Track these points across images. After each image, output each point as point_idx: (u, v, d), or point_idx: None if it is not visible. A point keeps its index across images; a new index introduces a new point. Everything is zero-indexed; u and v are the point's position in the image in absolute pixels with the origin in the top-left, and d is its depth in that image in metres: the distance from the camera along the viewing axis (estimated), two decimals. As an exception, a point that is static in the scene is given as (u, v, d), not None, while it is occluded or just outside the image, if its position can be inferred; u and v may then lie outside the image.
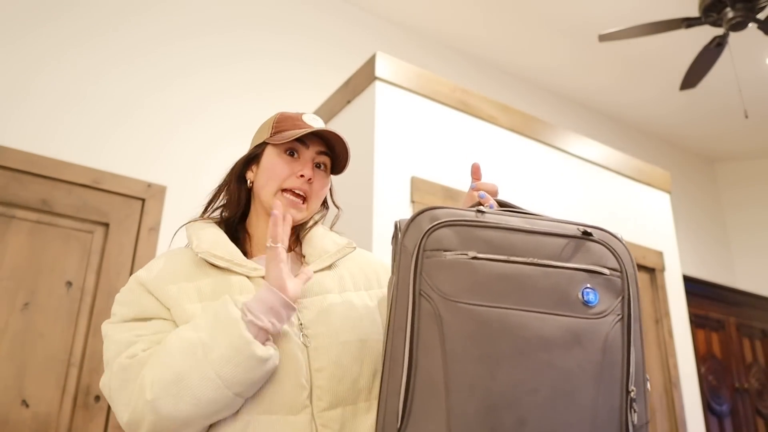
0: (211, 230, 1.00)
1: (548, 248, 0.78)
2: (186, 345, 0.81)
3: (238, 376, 0.80)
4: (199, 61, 3.00)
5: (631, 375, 0.73)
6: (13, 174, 2.34)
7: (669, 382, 2.74)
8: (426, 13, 3.86)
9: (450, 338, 0.74)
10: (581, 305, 0.75)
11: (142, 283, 0.94)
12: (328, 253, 1.02)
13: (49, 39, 2.63)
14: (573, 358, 0.72)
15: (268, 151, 1.03)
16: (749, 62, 4.07)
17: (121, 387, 0.83)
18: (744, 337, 4.28)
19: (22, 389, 2.15)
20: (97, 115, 2.64)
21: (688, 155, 5.40)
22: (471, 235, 0.79)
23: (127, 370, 0.83)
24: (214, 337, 0.80)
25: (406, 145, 2.29)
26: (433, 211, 0.82)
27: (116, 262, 2.44)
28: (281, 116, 1.05)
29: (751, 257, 5.19)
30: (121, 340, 0.88)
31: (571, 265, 0.77)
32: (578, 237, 0.79)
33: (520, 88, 4.44)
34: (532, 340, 0.73)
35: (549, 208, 2.64)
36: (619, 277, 0.78)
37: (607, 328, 0.74)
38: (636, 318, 0.77)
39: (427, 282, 0.77)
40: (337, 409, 0.89)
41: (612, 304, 0.76)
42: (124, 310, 0.92)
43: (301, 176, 1.00)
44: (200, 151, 2.83)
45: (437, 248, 0.78)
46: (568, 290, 0.76)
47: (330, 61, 3.43)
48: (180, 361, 0.80)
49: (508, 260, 0.77)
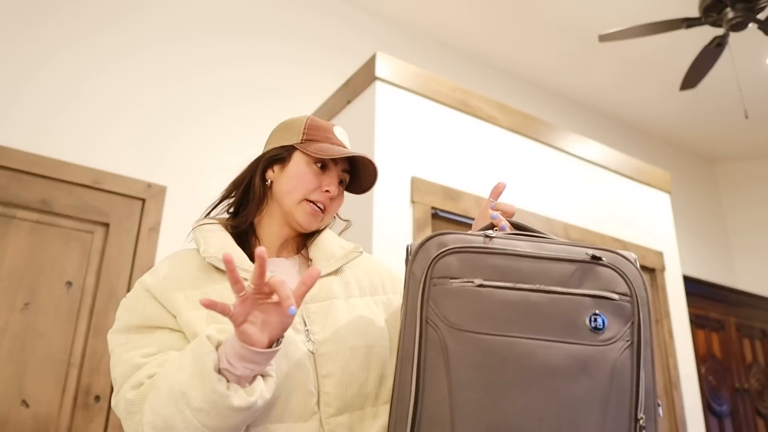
0: (218, 234, 0.99)
1: (555, 274, 0.78)
2: (170, 393, 0.79)
3: (221, 424, 0.78)
4: (200, 62, 3.01)
5: (640, 402, 0.73)
6: (13, 174, 2.34)
7: (669, 383, 2.74)
8: (426, 13, 3.86)
9: (455, 367, 0.75)
10: (589, 332, 0.74)
11: (148, 289, 0.93)
12: (335, 257, 1.02)
13: (49, 39, 2.63)
14: (579, 386, 0.72)
15: (298, 157, 1.03)
16: (749, 62, 4.07)
17: (127, 418, 0.84)
18: (744, 338, 4.28)
19: (22, 389, 2.15)
20: (98, 115, 2.64)
21: (688, 155, 5.40)
22: (478, 262, 0.79)
23: (131, 403, 0.83)
24: (193, 386, 0.77)
25: (406, 145, 2.29)
26: (442, 237, 0.82)
27: (116, 262, 2.44)
28: (312, 123, 1.05)
29: (751, 257, 5.19)
30: (127, 361, 0.87)
31: (579, 291, 0.76)
32: (587, 262, 0.78)
33: (521, 87, 4.44)
34: (537, 369, 0.73)
35: (549, 208, 2.64)
36: (629, 302, 0.76)
37: (616, 354, 0.74)
38: (647, 343, 0.76)
39: (433, 310, 0.78)
40: (345, 415, 0.89)
41: (621, 330, 0.75)
42: (129, 317, 0.92)
43: (327, 191, 1.01)
44: (200, 152, 2.83)
45: (444, 275, 0.79)
46: (576, 317, 0.75)
47: (330, 64, 3.43)
48: (166, 410, 0.78)
49: (515, 287, 0.77)
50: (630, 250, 2.85)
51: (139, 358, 0.87)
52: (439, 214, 2.28)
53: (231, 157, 2.87)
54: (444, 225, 2.29)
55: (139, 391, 0.83)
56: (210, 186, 2.83)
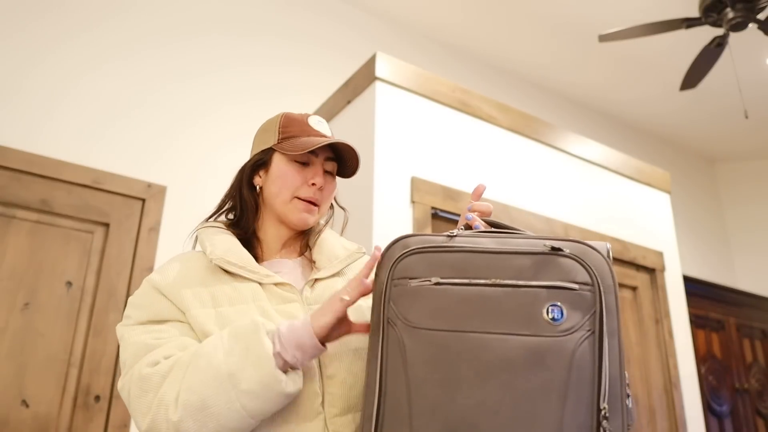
0: (224, 236, 1.00)
1: (513, 268, 0.77)
2: (214, 372, 0.80)
3: (265, 409, 0.81)
4: (200, 62, 3.01)
5: (602, 391, 0.71)
6: (13, 174, 2.34)
7: (669, 383, 2.74)
8: (426, 13, 3.86)
9: (412, 364, 0.77)
10: (547, 323, 0.74)
11: (156, 286, 0.94)
12: (338, 259, 1.03)
13: (50, 39, 2.63)
14: (536, 378, 0.72)
15: (278, 158, 1.02)
16: (749, 62, 4.07)
17: (140, 395, 0.83)
18: (744, 338, 4.28)
19: (22, 389, 2.15)
20: (98, 115, 2.64)
21: (688, 155, 5.40)
22: (437, 260, 0.80)
23: (148, 379, 0.83)
24: (244, 369, 0.80)
25: (406, 145, 2.29)
26: (406, 239, 0.84)
27: (116, 262, 2.44)
28: (286, 119, 1.04)
29: (751, 257, 5.19)
30: (139, 342, 0.88)
31: (537, 283, 0.76)
32: (546, 253, 0.77)
33: (520, 87, 4.44)
34: (492, 362, 0.73)
35: (549, 208, 2.64)
36: (590, 291, 0.75)
37: (574, 345, 0.73)
38: (612, 332, 0.74)
39: (393, 310, 0.80)
40: (348, 415, 0.90)
41: (581, 320, 0.74)
42: (138, 313, 0.92)
43: (313, 185, 1.01)
44: (200, 152, 2.83)
45: (404, 276, 0.81)
46: (533, 309, 0.75)
47: (330, 64, 3.43)
48: (207, 389, 0.80)
49: (471, 283, 0.78)
50: (630, 250, 2.85)
51: (150, 339, 0.88)
52: (439, 214, 2.28)
53: (231, 157, 2.86)
54: (444, 225, 2.29)
55: (155, 368, 0.84)
56: (210, 186, 2.83)
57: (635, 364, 2.71)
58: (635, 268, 2.90)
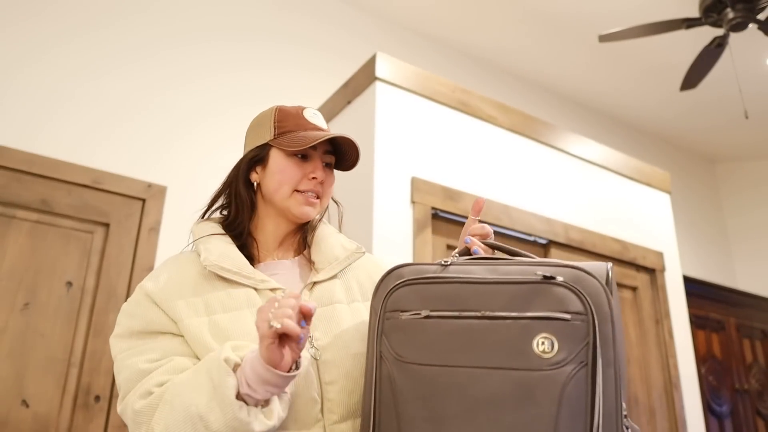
0: (219, 239, 0.98)
1: (503, 298, 0.76)
2: (186, 414, 0.78)
3: None
4: (200, 64, 3.01)
5: (595, 425, 0.69)
6: (13, 174, 2.34)
7: (669, 383, 2.74)
8: (425, 13, 3.86)
9: (401, 400, 0.77)
10: (536, 356, 0.71)
11: (149, 295, 0.92)
12: (337, 260, 1.01)
13: (50, 39, 2.63)
14: (524, 413, 0.70)
15: (275, 153, 1.00)
16: (749, 63, 4.07)
17: (134, 427, 0.83)
18: (744, 338, 4.28)
19: (22, 389, 2.15)
20: (98, 116, 2.64)
21: (688, 155, 5.40)
22: (428, 292, 0.80)
23: (139, 414, 0.83)
24: (212, 411, 0.77)
25: (406, 145, 2.29)
26: (401, 269, 0.84)
27: (116, 262, 2.44)
28: (281, 113, 1.02)
29: (751, 258, 5.19)
30: (132, 367, 0.87)
31: (527, 315, 0.74)
32: (538, 282, 0.75)
33: (520, 87, 4.44)
34: (479, 398, 0.72)
35: (549, 208, 2.64)
36: (583, 320, 0.72)
37: (564, 378, 0.70)
38: (608, 362, 0.71)
39: (386, 344, 0.80)
40: (348, 422, 0.88)
41: (574, 351, 0.71)
42: (131, 322, 0.91)
43: (314, 178, 0.99)
44: (201, 152, 2.83)
45: (396, 309, 0.81)
46: (522, 341, 0.73)
47: (330, 64, 3.43)
48: (181, 430, 0.78)
49: (460, 316, 0.77)
50: (630, 250, 2.85)
51: (143, 363, 0.86)
52: (439, 214, 2.28)
53: (231, 158, 2.86)
54: (444, 225, 2.29)
55: (147, 401, 0.83)
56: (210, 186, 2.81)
57: (635, 364, 2.71)
58: (635, 268, 2.90)
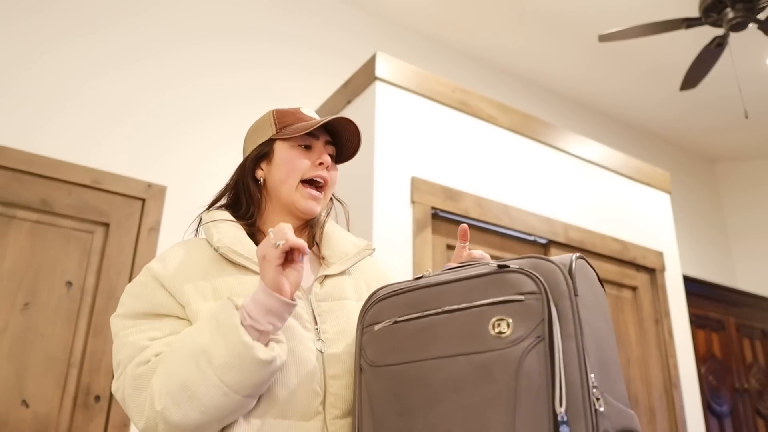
0: (231, 225, 0.98)
1: (460, 292, 0.79)
2: (188, 353, 0.80)
3: (244, 381, 0.79)
4: (200, 64, 3.01)
5: (557, 395, 0.70)
6: (13, 174, 2.34)
7: (669, 383, 2.74)
8: (425, 13, 3.86)
9: (376, 401, 0.82)
10: (494, 338, 0.74)
11: (157, 277, 0.92)
12: (347, 255, 1.03)
13: (51, 39, 2.63)
14: (485, 391, 0.73)
15: (279, 146, 1.02)
16: (749, 62, 4.07)
17: (133, 395, 0.83)
18: (744, 338, 4.28)
19: (22, 389, 2.15)
20: (98, 115, 2.64)
21: (688, 155, 5.40)
22: (398, 302, 0.85)
23: (140, 378, 0.83)
24: (216, 343, 0.79)
25: (406, 145, 2.29)
26: (380, 290, 0.90)
27: (116, 262, 2.44)
28: (279, 112, 1.05)
29: (751, 257, 5.19)
30: (133, 344, 0.86)
31: (482, 302, 0.77)
32: (493, 273, 0.78)
33: (520, 87, 4.44)
34: (442, 385, 0.76)
35: (549, 208, 2.64)
36: (537, 299, 0.74)
37: (521, 353, 0.72)
38: (569, 335, 0.72)
39: (364, 356, 0.86)
40: (349, 418, 0.89)
41: (530, 329, 0.73)
42: (135, 303, 0.90)
43: (321, 164, 1.01)
44: (200, 152, 2.83)
45: (371, 323, 0.87)
46: (478, 326, 0.76)
47: (330, 65, 3.43)
48: (184, 370, 0.79)
49: (423, 315, 0.81)
50: (630, 250, 2.85)
51: (145, 341, 0.87)
52: (439, 214, 2.28)
53: (230, 158, 2.86)
54: (444, 225, 2.29)
55: (146, 366, 0.83)
56: (210, 186, 2.81)
57: (635, 364, 2.71)
58: (635, 268, 2.90)
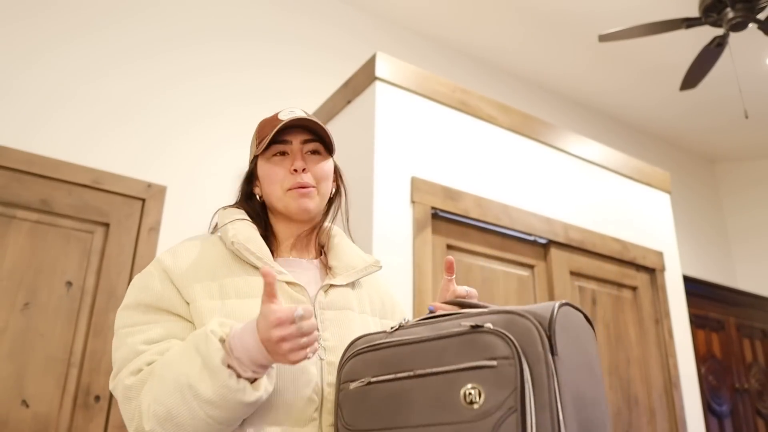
0: (246, 224, 1.00)
1: (433, 354, 0.76)
2: (176, 384, 0.80)
3: (230, 417, 0.80)
4: (200, 64, 3.01)
5: None
6: (13, 174, 2.34)
7: (669, 382, 2.74)
8: (425, 13, 3.86)
9: None
10: (464, 408, 0.70)
11: (166, 270, 0.94)
12: (354, 269, 1.04)
13: (50, 39, 2.63)
14: None
15: (260, 162, 1.05)
16: (749, 62, 4.07)
17: (124, 402, 0.85)
18: (744, 338, 4.28)
19: (22, 389, 2.15)
20: (98, 115, 2.64)
21: (688, 155, 5.40)
22: (372, 359, 0.83)
23: (130, 389, 0.85)
24: (202, 380, 0.79)
25: (406, 145, 2.29)
26: (356, 341, 0.88)
27: (116, 262, 2.44)
28: (260, 125, 1.07)
29: (751, 257, 5.19)
30: (130, 345, 0.88)
31: (455, 367, 0.73)
32: (466, 333, 0.74)
33: (520, 87, 4.44)
34: None
35: (549, 208, 2.64)
36: (511, 365, 0.69)
37: (491, 427, 0.68)
38: (543, 406, 0.67)
39: (340, 415, 0.85)
40: None
41: (503, 398, 0.68)
42: (140, 295, 0.92)
43: (295, 171, 1.01)
44: (200, 152, 2.83)
45: (347, 380, 0.85)
46: (450, 395, 0.72)
47: (330, 65, 3.43)
48: (171, 400, 0.80)
49: (395, 378, 0.79)
50: (630, 250, 2.85)
51: (141, 345, 0.88)
52: (439, 214, 2.28)
53: (230, 158, 2.87)
54: (444, 225, 2.29)
55: (137, 377, 0.85)
56: (210, 186, 2.83)
57: (635, 364, 2.71)
58: (635, 268, 2.90)
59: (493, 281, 2.36)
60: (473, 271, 2.31)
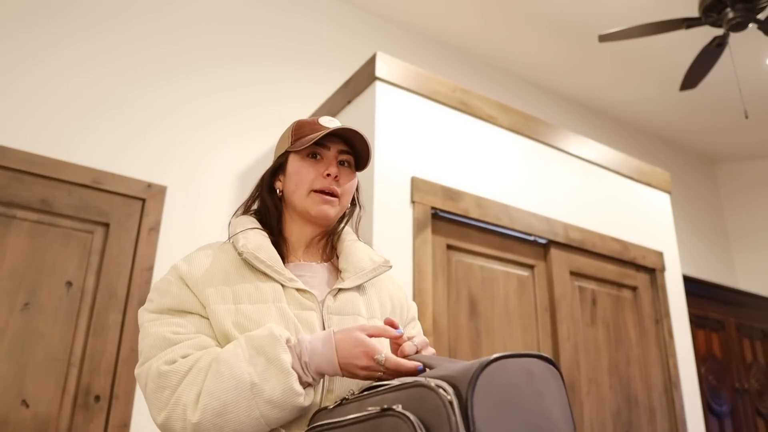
0: (257, 232, 1.02)
1: None
2: (237, 381, 0.84)
3: (281, 418, 0.85)
4: (201, 64, 3.00)
5: None
6: (13, 174, 2.34)
7: (669, 382, 2.74)
8: (425, 13, 3.86)
9: None
10: None
11: (182, 276, 0.97)
12: (364, 271, 1.05)
13: (49, 38, 2.63)
14: None
15: (292, 158, 1.07)
16: (749, 62, 4.06)
17: (156, 390, 0.87)
18: (744, 338, 4.28)
19: (22, 389, 2.15)
20: (98, 115, 2.64)
21: (688, 155, 5.40)
22: None
23: (165, 377, 0.86)
24: (267, 380, 0.84)
25: (406, 145, 2.29)
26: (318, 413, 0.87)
27: (116, 262, 2.44)
28: (298, 124, 1.09)
29: (751, 257, 5.19)
30: (158, 334, 0.91)
31: None
32: (376, 416, 0.71)
33: (520, 87, 4.44)
34: None
35: (549, 208, 2.64)
36: None
37: None
38: None
39: None
40: None
41: None
42: (163, 299, 0.95)
43: (328, 175, 1.03)
44: (200, 152, 2.83)
45: None
46: None
47: (331, 65, 3.43)
48: (229, 395, 0.83)
49: None
50: (630, 250, 2.85)
51: (168, 333, 0.91)
52: (439, 214, 2.28)
53: (231, 158, 2.87)
54: (444, 225, 2.29)
55: (172, 367, 0.87)
56: (210, 186, 2.83)
57: (635, 364, 2.71)
58: (635, 268, 2.90)
59: (493, 281, 2.36)
60: (473, 271, 2.31)
